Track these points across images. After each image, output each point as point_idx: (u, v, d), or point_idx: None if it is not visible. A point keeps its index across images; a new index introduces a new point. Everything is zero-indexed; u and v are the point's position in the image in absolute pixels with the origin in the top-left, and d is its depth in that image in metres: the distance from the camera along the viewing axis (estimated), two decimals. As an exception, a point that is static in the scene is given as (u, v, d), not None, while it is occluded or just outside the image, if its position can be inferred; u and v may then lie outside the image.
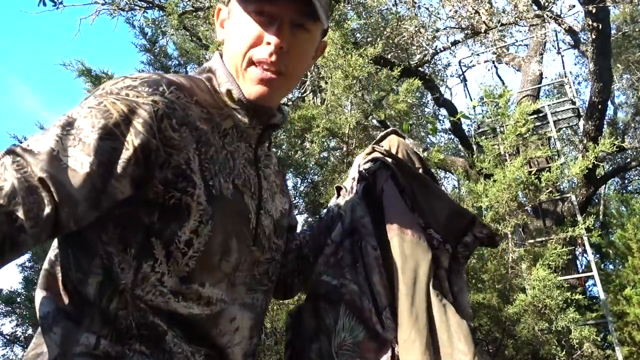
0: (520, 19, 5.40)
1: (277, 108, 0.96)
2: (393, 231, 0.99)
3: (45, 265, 0.84)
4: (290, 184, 4.14)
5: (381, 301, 0.95)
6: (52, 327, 0.78)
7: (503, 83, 8.82)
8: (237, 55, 0.87)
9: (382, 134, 1.22)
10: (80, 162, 0.71)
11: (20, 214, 0.65)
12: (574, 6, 5.86)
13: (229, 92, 0.88)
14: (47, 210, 0.68)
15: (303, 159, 3.75)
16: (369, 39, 6.10)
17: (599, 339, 4.13)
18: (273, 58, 0.85)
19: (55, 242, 0.86)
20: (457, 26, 5.94)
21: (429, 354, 0.88)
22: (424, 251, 0.98)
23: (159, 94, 0.78)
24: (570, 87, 7.38)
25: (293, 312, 1.05)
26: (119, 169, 0.73)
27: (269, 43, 0.84)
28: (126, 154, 0.74)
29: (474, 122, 6.77)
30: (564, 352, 3.60)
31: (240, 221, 0.86)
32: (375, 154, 1.12)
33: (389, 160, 1.10)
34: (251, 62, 0.86)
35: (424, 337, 0.89)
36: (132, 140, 0.74)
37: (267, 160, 0.97)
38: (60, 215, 0.69)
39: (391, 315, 0.94)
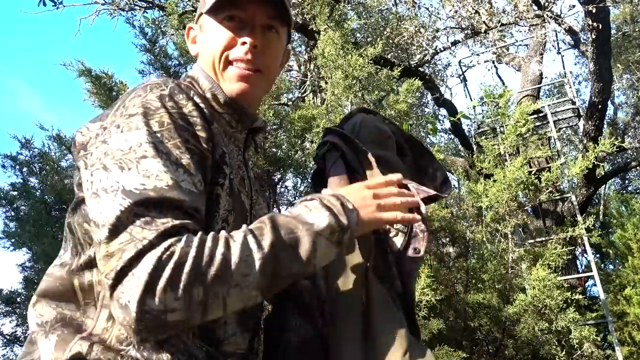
0: (520, 19, 5.40)
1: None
2: None
3: (52, 272, 0.84)
4: (290, 184, 4.15)
5: (322, 294, 0.94)
6: (48, 335, 0.79)
7: (503, 83, 8.83)
8: (215, 59, 0.93)
9: (347, 114, 1.18)
10: (192, 184, 0.75)
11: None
12: (574, 6, 5.87)
13: (214, 96, 0.93)
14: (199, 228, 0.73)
15: (303, 159, 3.75)
16: (369, 39, 6.10)
17: (599, 339, 4.13)
18: (249, 56, 0.91)
19: (62, 252, 0.87)
20: (457, 26, 5.94)
21: (362, 349, 0.87)
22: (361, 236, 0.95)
23: (191, 99, 0.83)
24: (570, 87, 7.38)
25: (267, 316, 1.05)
26: (207, 176, 0.80)
27: (244, 43, 0.91)
28: (206, 161, 0.80)
29: (474, 122, 6.77)
30: (564, 352, 3.60)
31: (242, 218, 0.90)
32: (327, 137, 1.09)
33: (337, 140, 1.06)
34: (228, 62, 0.92)
35: (358, 333, 0.88)
36: (204, 148, 0.80)
37: (252, 164, 1.02)
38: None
39: (330, 307, 0.93)
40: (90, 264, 0.81)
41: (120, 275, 0.65)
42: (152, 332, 0.66)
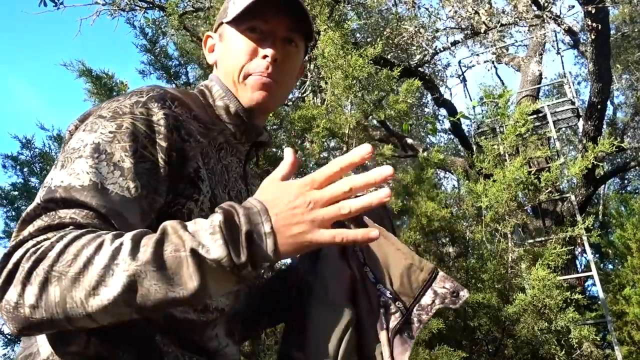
0: (520, 20, 5.41)
1: (263, 126, 1.01)
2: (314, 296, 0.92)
3: None
4: (290, 184, 4.14)
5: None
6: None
7: (503, 83, 8.84)
8: (235, 70, 0.92)
9: None
10: (125, 188, 0.73)
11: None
12: (573, 6, 5.87)
13: (225, 105, 0.93)
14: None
15: (303, 159, 3.76)
16: (369, 39, 6.11)
17: (598, 339, 4.13)
18: (270, 69, 0.91)
19: None
20: (457, 26, 5.94)
21: None
22: (341, 316, 0.88)
23: (167, 108, 0.81)
24: (570, 88, 7.39)
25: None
26: (157, 187, 0.77)
27: (265, 56, 0.91)
28: (160, 171, 0.77)
29: (474, 122, 6.78)
30: (563, 352, 3.61)
31: None
32: None
33: None
34: (248, 75, 0.92)
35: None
36: (161, 158, 0.78)
37: (253, 179, 1.03)
38: None
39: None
40: None
41: (1, 263, 0.65)
42: (18, 325, 0.64)
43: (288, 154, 0.70)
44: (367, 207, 0.65)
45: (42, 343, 0.78)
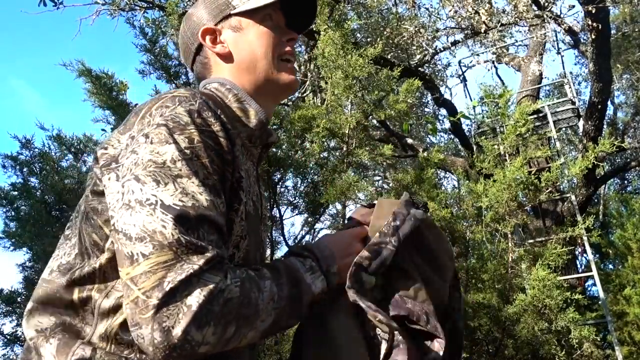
0: (520, 19, 5.40)
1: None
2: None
3: (50, 279, 0.83)
4: (290, 183, 4.15)
5: None
6: (49, 339, 0.78)
7: (503, 83, 8.83)
8: (267, 57, 0.96)
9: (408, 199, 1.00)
10: (219, 204, 0.76)
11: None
12: (573, 6, 5.87)
13: (244, 109, 0.93)
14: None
15: (303, 159, 3.76)
16: (369, 39, 6.10)
17: (599, 339, 4.13)
18: (294, 50, 1.01)
19: (62, 256, 0.85)
20: (457, 26, 5.94)
21: None
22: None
23: (219, 117, 0.81)
24: (570, 87, 7.39)
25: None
26: (226, 199, 0.80)
27: (291, 39, 0.99)
28: (227, 183, 0.80)
29: (474, 122, 6.78)
30: (563, 352, 3.61)
31: (256, 239, 0.90)
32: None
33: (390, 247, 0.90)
34: (279, 59, 0.97)
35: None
36: (226, 170, 0.80)
37: (260, 180, 1.03)
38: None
39: None
40: (93, 276, 0.80)
41: (169, 298, 0.64)
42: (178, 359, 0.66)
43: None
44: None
45: (44, 352, 0.78)
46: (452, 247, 1.01)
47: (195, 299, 0.64)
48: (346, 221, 1.08)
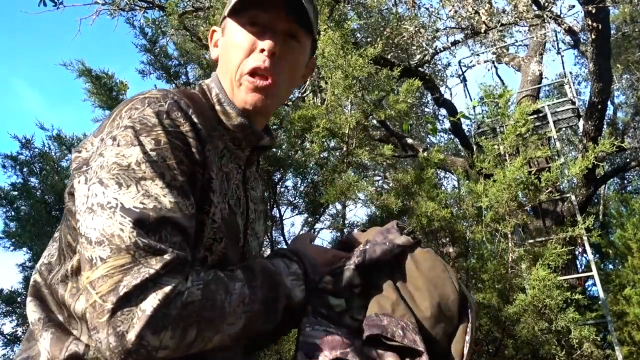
0: (520, 19, 5.40)
1: (265, 130, 0.97)
2: None
3: (36, 276, 0.84)
4: (290, 183, 4.14)
5: None
6: (42, 333, 0.79)
7: (503, 83, 8.83)
8: (232, 67, 0.89)
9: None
10: (186, 207, 0.74)
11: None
12: (573, 6, 5.87)
13: (224, 109, 0.89)
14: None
15: (303, 159, 3.76)
16: (369, 39, 6.10)
17: (599, 339, 4.13)
18: (267, 64, 0.86)
19: (47, 256, 0.86)
20: (457, 26, 5.94)
21: None
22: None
23: (189, 118, 0.80)
24: (570, 87, 7.39)
25: None
26: (194, 199, 0.78)
27: (262, 50, 0.86)
28: (197, 184, 0.79)
29: (474, 122, 6.78)
30: (563, 352, 3.61)
31: (233, 241, 0.88)
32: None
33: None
34: (243, 73, 0.88)
35: None
36: (197, 170, 0.78)
37: (254, 183, 0.99)
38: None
39: None
40: (66, 279, 0.80)
41: (124, 302, 0.63)
42: None
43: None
44: None
45: (39, 347, 0.79)
46: (453, 275, 0.95)
47: (150, 303, 0.63)
48: (336, 245, 1.11)
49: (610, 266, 8.13)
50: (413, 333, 0.83)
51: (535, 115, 6.15)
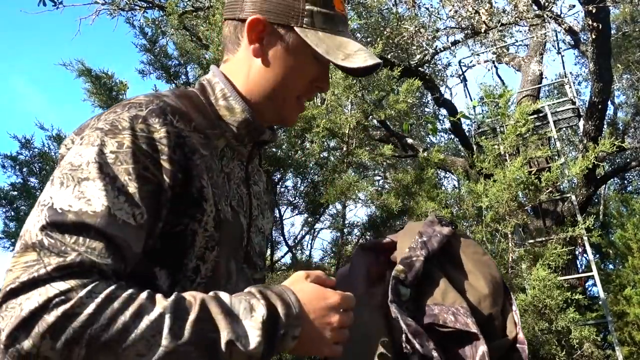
0: (520, 19, 5.40)
1: (268, 125, 0.96)
2: None
3: None
4: (290, 183, 4.14)
5: None
6: None
7: (503, 83, 8.83)
8: (288, 89, 0.89)
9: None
10: (131, 215, 0.69)
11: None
12: (574, 6, 5.86)
13: (230, 107, 0.88)
14: (122, 267, 0.69)
15: (303, 159, 3.75)
16: (369, 39, 6.10)
17: (599, 339, 4.13)
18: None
19: None
20: (457, 26, 5.93)
21: None
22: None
23: (169, 124, 0.76)
24: (570, 87, 7.39)
25: None
26: (160, 211, 0.74)
27: (321, 89, 0.93)
28: (164, 195, 0.74)
29: (474, 122, 6.78)
30: (564, 352, 3.60)
31: (236, 242, 0.86)
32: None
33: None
34: (297, 97, 0.91)
35: None
36: (165, 180, 0.74)
37: (257, 177, 0.98)
38: (126, 267, 0.70)
39: None
40: None
41: (8, 297, 0.60)
42: None
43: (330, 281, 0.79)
44: None
45: None
46: (494, 264, 1.01)
47: (30, 303, 0.59)
48: (357, 253, 1.07)
49: (611, 266, 8.14)
50: (465, 317, 0.86)
51: (536, 115, 6.14)
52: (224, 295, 0.69)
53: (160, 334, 0.61)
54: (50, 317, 0.59)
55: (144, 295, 0.64)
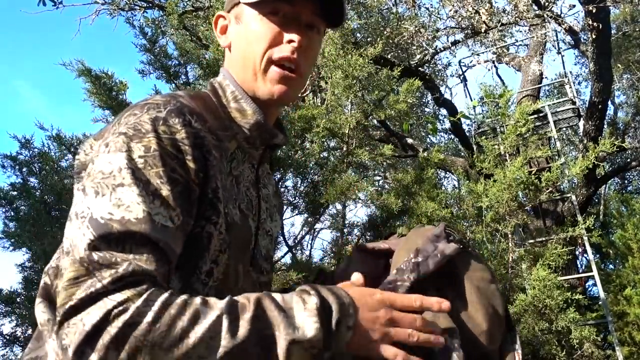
0: (521, 19, 5.39)
1: (278, 126, 0.96)
2: None
3: (46, 278, 0.84)
4: (290, 183, 4.14)
5: None
6: (51, 334, 0.78)
7: (503, 83, 8.83)
8: (256, 56, 0.87)
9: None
10: (168, 218, 0.70)
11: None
12: (574, 6, 5.85)
13: (242, 109, 0.88)
14: (168, 269, 0.70)
15: (303, 159, 3.75)
16: (369, 39, 6.09)
17: (599, 339, 4.13)
18: (295, 55, 0.86)
19: (56, 259, 0.85)
20: (457, 26, 5.93)
21: None
22: None
23: (188, 125, 0.77)
24: (571, 87, 7.38)
25: None
26: (191, 210, 0.75)
27: (291, 41, 0.86)
28: (193, 194, 0.75)
29: (474, 122, 6.77)
30: (564, 352, 3.60)
31: (244, 245, 0.86)
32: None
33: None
34: (270, 62, 0.87)
35: None
36: (192, 179, 0.75)
37: (266, 180, 0.97)
38: (171, 269, 0.71)
39: None
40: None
41: (69, 315, 0.62)
42: None
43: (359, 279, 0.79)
44: (427, 344, 0.73)
45: (48, 348, 0.78)
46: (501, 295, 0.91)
47: (91, 318, 0.60)
48: (354, 254, 1.01)
49: (611, 266, 8.13)
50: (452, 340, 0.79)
51: (536, 115, 6.14)
52: (276, 294, 0.70)
53: (220, 335, 0.62)
54: (112, 329, 0.60)
55: (198, 300, 0.65)
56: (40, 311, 0.82)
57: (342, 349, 0.68)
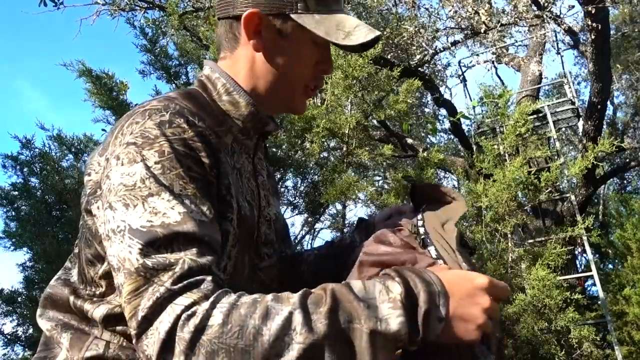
0: (520, 20, 5.40)
1: (269, 116, 0.96)
2: None
3: (52, 290, 0.86)
4: (290, 183, 4.15)
5: None
6: (61, 334, 0.80)
7: (503, 83, 8.83)
8: (301, 78, 0.91)
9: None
10: (202, 213, 0.71)
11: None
12: (573, 6, 5.86)
13: (234, 102, 0.88)
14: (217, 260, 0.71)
15: (303, 159, 3.76)
16: (368, 39, 6.09)
17: (598, 339, 4.13)
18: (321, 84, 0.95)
19: (66, 271, 0.88)
20: (456, 26, 5.94)
21: None
22: None
23: (193, 125, 0.78)
24: (570, 88, 7.39)
25: None
26: (214, 203, 0.76)
27: (324, 71, 0.93)
28: (212, 187, 0.76)
29: (474, 122, 6.78)
30: (563, 352, 3.61)
31: (249, 235, 0.88)
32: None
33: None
34: (309, 87, 0.93)
35: None
36: (208, 174, 0.76)
37: (260, 165, 0.98)
38: (220, 260, 0.73)
39: None
40: (92, 299, 0.81)
41: (144, 326, 0.62)
42: None
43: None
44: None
45: (57, 349, 0.80)
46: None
47: (164, 325, 0.61)
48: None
49: (610, 266, 8.14)
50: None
51: (535, 115, 6.15)
52: (355, 283, 0.66)
53: (294, 331, 0.60)
54: (185, 334, 0.60)
55: (269, 297, 0.64)
56: (45, 321, 0.83)
57: (429, 338, 0.64)
